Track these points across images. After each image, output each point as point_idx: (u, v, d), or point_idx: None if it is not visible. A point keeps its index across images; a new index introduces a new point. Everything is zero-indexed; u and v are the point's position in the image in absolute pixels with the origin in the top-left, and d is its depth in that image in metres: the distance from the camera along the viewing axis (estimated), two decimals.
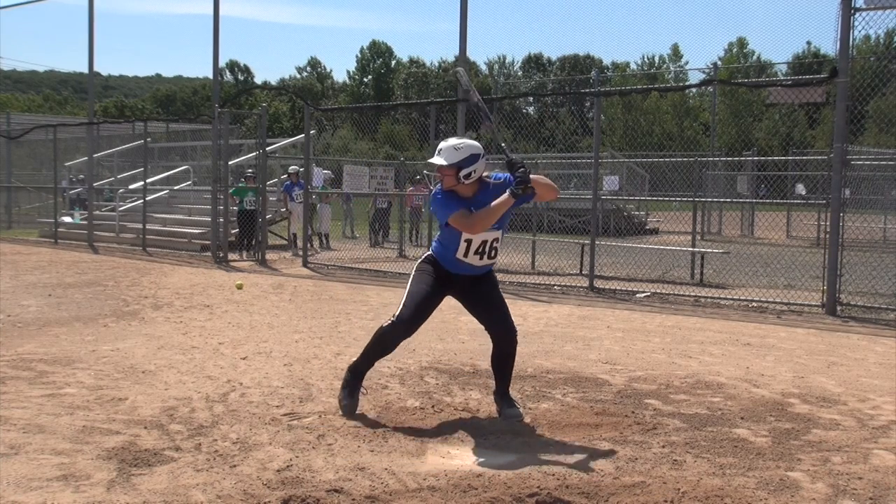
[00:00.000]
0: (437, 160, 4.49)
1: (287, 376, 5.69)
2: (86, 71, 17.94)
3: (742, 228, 21.28)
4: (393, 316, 4.63)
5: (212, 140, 15.14)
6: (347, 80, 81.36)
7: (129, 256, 15.25)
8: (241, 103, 54.91)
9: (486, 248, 4.59)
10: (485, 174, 4.60)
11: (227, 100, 16.35)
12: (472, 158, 4.47)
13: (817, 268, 9.64)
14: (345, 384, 4.78)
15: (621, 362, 6.31)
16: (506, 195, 4.34)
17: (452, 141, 4.53)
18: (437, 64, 69.78)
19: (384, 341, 4.67)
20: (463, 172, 4.45)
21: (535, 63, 69.49)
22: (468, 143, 4.52)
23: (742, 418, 4.75)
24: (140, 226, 16.78)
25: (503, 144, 4.46)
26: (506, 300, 4.78)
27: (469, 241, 4.56)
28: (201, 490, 3.53)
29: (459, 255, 4.60)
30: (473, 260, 4.61)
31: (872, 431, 4.52)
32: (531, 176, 4.35)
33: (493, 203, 4.39)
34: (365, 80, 79.85)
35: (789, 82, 16.67)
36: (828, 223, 9.41)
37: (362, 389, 4.87)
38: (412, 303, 4.59)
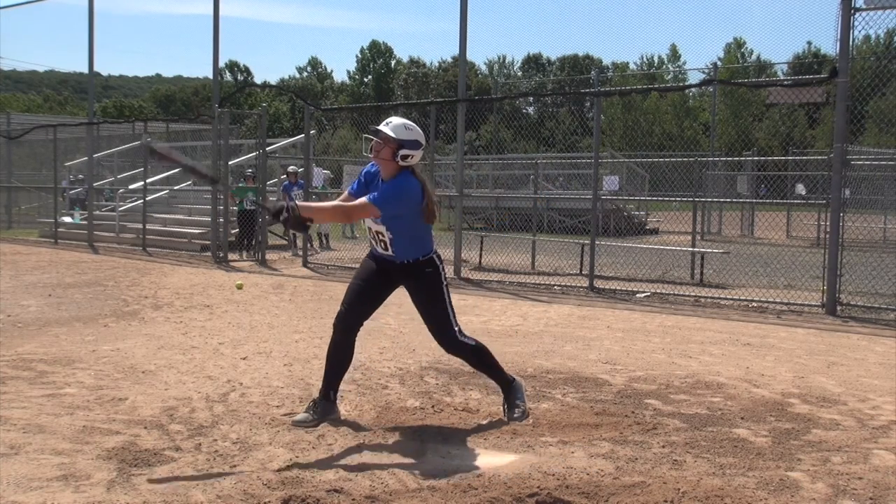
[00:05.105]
0: (385, 129, 4.47)
1: (287, 376, 5.69)
2: (86, 71, 17.94)
3: (742, 228, 21.27)
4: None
5: (212, 140, 15.15)
6: (347, 81, 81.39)
7: (129, 256, 15.25)
8: (241, 103, 54.92)
9: (376, 238, 4.60)
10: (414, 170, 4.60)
11: (225, 98, 16.31)
12: (416, 144, 4.49)
13: (817, 268, 9.64)
14: (315, 407, 4.57)
15: (621, 362, 6.31)
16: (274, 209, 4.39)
17: (404, 120, 4.56)
18: (437, 64, 69.84)
19: (333, 345, 4.62)
20: (403, 152, 4.44)
21: (534, 63, 69.50)
22: (418, 129, 4.55)
23: (742, 418, 4.75)
24: (140, 226, 16.77)
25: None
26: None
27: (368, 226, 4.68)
28: (201, 490, 3.53)
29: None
30: (376, 246, 4.65)
31: (872, 431, 4.52)
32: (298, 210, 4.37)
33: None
34: (365, 80, 79.83)
35: (789, 82, 16.69)
36: (828, 223, 9.41)
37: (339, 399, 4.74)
38: (346, 298, 4.63)
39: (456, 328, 4.62)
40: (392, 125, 4.48)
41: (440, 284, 4.62)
